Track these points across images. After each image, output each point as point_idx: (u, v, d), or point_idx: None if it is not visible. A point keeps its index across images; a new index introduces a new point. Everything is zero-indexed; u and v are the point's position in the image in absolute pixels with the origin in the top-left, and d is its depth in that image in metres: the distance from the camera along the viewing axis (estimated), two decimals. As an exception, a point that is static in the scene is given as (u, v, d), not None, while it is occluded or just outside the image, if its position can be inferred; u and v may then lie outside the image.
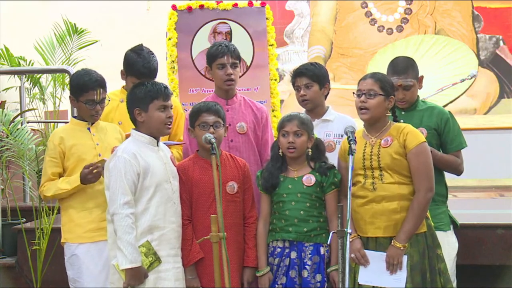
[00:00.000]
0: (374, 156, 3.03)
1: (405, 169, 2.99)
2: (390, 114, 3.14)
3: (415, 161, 2.97)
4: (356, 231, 3.06)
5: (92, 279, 3.21)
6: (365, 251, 3.02)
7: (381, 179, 3.00)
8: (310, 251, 3.16)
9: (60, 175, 3.32)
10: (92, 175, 3.18)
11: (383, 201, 2.98)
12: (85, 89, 3.27)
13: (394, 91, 3.13)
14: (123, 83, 3.69)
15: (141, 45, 3.64)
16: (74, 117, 3.42)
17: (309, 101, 3.51)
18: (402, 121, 3.23)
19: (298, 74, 3.53)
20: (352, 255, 3.02)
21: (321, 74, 3.53)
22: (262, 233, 3.26)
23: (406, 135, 3.00)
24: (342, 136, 3.49)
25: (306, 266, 3.15)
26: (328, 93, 3.61)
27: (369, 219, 3.01)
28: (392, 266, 2.94)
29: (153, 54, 3.62)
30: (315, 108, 3.54)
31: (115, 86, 3.70)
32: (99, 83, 3.30)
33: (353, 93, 3.13)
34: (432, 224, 3.08)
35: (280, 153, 3.26)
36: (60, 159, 3.29)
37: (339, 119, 3.56)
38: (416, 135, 3.02)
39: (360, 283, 3.01)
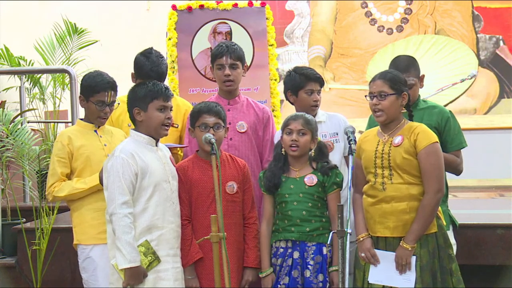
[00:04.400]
0: (385, 155, 3.01)
1: (415, 169, 2.97)
2: (405, 111, 3.11)
3: (424, 162, 2.95)
4: (367, 230, 3.06)
5: (108, 281, 3.19)
6: (376, 250, 3.01)
7: (391, 179, 2.99)
8: (312, 251, 3.16)
9: (68, 176, 3.30)
10: None
11: (392, 201, 2.98)
12: (97, 89, 3.27)
13: (406, 87, 3.10)
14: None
15: (151, 48, 3.67)
16: (81, 119, 3.42)
17: (318, 107, 3.53)
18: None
19: (315, 79, 3.51)
20: (362, 254, 3.03)
21: None
22: (266, 233, 3.25)
23: (417, 135, 2.98)
24: (336, 134, 3.51)
25: (309, 266, 3.15)
26: None
27: (379, 218, 3.01)
28: (401, 267, 2.94)
29: (162, 57, 3.65)
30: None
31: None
32: (111, 85, 3.31)
33: (365, 96, 3.12)
34: (444, 223, 3.08)
35: (283, 152, 3.27)
36: (69, 159, 3.27)
37: (330, 118, 3.58)
38: (427, 135, 2.99)
39: (369, 282, 3.01)
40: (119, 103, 3.42)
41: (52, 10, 7.31)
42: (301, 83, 3.51)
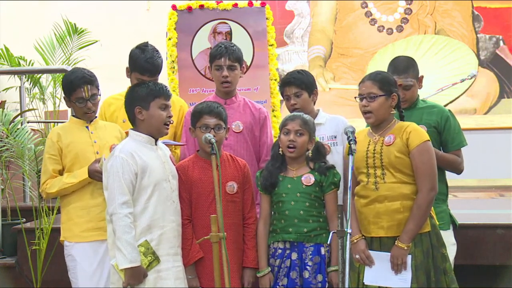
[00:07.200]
0: (377, 154, 3.01)
1: (408, 168, 2.97)
2: (395, 111, 3.10)
3: (417, 160, 2.95)
4: (360, 232, 3.05)
5: (86, 279, 3.21)
6: (370, 251, 3.00)
7: (383, 179, 2.98)
8: (310, 252, 3.15)
9: (60, 172, 3.32)
10: (100, 174, 3.16)
11: (386, 200, 2.97)
12: (73, 87, 3.27)
13: (396, 88, 3.08)
14: (123, 82, 3.69)
15: (147, 42, 3.65)
16: (73, 115, 3.42)
17: (300, 110, 3.48)
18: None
19: (286, 83, 3.51)
20: (357, 256, 3.01)
21: (309, 81, 3.50)
22: (263, 233, 3.25)
23: (409, 133, 2.98)
24: (335, 137, 3.49)
25: (307, 267, 3.15)
26: (316, 98, 3.58)
27: (373, 219, 3.00)
28: (397, 266, 2.93)
29: (157, 51, 3.61)
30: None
31: (115, 85, 3.71)
32: (85, 80, 3.28)
33: (355, 97, 3.11)
34: (437, 223, 3.07)
35: (280, 152, 3.26)
36: (59, 156, 3.29)
37: (330, 121, 3.55)
38: (419, 134, 2.99)
39: (365, 283, 3.00)
40: (100, 95, 3.37)
41: (52, 10, 7.30)
42: (280, 91, 3.56)
